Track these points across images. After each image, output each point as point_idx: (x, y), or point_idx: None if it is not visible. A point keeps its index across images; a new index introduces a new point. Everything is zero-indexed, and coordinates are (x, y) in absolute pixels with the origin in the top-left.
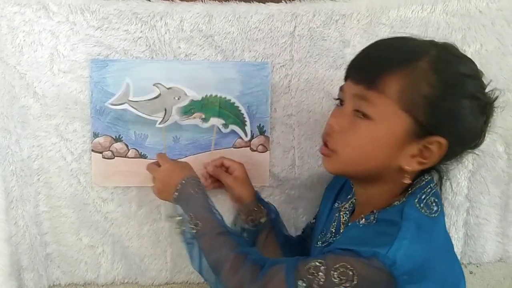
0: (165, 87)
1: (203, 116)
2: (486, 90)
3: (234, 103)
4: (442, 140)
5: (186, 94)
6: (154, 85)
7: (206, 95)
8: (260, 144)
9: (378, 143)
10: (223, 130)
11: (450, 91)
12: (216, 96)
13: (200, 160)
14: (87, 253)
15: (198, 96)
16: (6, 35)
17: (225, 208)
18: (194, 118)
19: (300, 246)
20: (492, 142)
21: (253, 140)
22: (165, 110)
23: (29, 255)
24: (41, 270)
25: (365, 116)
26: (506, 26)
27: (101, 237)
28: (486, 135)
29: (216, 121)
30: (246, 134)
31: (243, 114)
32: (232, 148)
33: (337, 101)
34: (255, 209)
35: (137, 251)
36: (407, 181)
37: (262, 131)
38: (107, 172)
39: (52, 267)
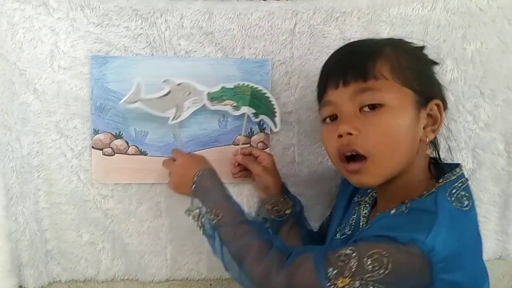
0: (175, 83)
1: (235, 104)
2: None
3: (265, 93)
4: (438, 101)
5: (196, 89)
6: (163, 82)
7: (239, 84)
8: (260, 141)
9: (402, 124)
10: (253, 119)
11: (420, 61)
12: (248, 85)
13: (209, 155)
14: (87, 250)
15: (230, 85)
16: (6, 32)
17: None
18: (225, 105)
19: (320, 242)
20: (492, 140)
21: (253, 137)
22: (177, 106)
23: (29, 251)
24: (41, 266)
25: (375, 106)
26: (506, 24)
27: (101, 234)
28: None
29: (246, 110)
30: (275, 125)
31: (273, 105)
32: (232, 145)
33: (327, 120)
34: (281, 200)
35: (137, 248)
36: (428, 151)
37: (262, 128)
38: (107, 169)
39: (52, 264)
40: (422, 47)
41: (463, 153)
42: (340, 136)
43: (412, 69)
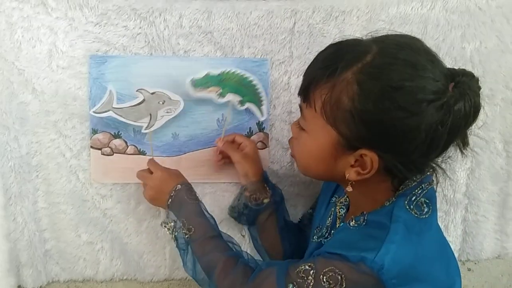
0: (148, 92)
1: (220, 91)
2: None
3: (252, 81)
4: (369, 153)
5: (170, 99)
6: (137, 90)
7: (224, 71)
8: (260, 141)
9: (312, 154)
10: (238, 107)
11: (374, 104)
12: (234, 72)
13: (201, 156)
14: (86, 250)
15: (216, 71)
16: (4, 31)
17: (222, 205)
18: (210, 92)
19: (298, 233)
20: (491, 139)
21: (252, 136)
22: (150, 115)
23: (28, 251)
24: (40, 266)
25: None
26: (505, 23)
27: (100, 234)
28: (468, 134)
29: (232, 97)
30: (262, 114)
31: (260, 93)
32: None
33: None
34: (260, 188)
35: (136, 247)
36: (349, 189)
37: (261, 128)
38: (106, 169)
39: (51, 264)
40: (400, 87)
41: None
42: None
43: (349, 112)
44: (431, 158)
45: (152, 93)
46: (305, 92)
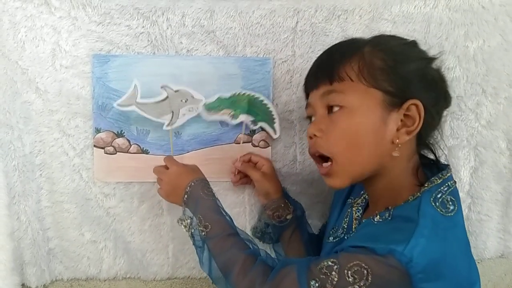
0: (172, 89)
1: (232, 113)
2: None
3: (262, 100)
4: (417, 101)
5: (193, 97)
6: (161, 87)
7: (235, 93)
8: (262, 140)
9: (362, 125)
10: (252, 126)
11: (399, 59)
12: (245, 94)
13: (204, 155)
14: (89, 248)
15: (227, 94)
16: (8, 30)
17: (225, 204)
18: (223, 114)
19: (321, 245)
20: (494, 138)
21: (254, 135)
22: (172, 112)
23: (31, 250)
24: (43, 265)
25: (338, 107)
26: (509, 21)
27: (103, 232)
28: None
29: (245, 118)
30: (275, 132)
31: (271, 112)
32: (234, 144)
33: (308, 120)
34: (282, 205)
35: (139, 246)
36: (396, 154)
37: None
38: (109, 168)
39: (54, 262)
40: (411, 43)
41: (465, 151)
42: (310, 137)
43: (385, 69)
44: (443, 108)
45: (176, 91)
46: (332, 71)
